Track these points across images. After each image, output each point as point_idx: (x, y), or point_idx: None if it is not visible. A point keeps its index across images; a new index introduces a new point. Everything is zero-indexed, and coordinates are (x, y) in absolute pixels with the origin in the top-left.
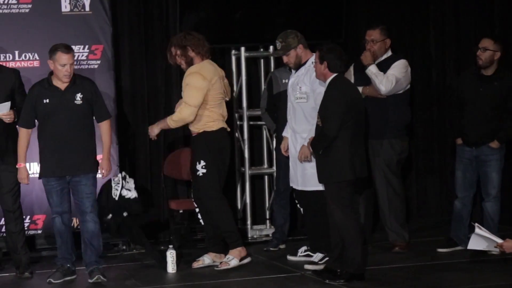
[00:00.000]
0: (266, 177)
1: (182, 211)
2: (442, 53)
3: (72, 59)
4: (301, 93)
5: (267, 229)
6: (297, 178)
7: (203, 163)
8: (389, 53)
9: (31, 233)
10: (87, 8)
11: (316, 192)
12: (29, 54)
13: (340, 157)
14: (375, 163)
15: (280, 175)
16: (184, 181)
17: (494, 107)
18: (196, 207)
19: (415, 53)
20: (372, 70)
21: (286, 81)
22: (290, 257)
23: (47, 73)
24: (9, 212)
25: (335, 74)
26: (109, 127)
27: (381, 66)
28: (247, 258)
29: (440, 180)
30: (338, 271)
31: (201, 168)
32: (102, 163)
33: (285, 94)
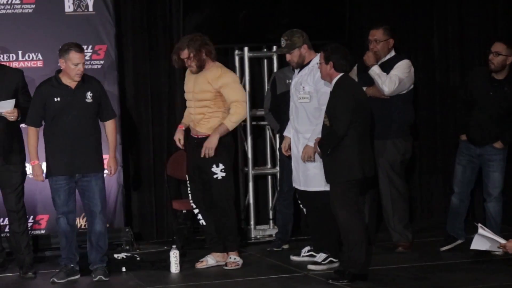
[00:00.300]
0: (269, 177)
1: (185, 211)
2: (446, 53)
3: (84, 58)
4: (304, 93)
5: (270, 229)
6: (299, 178)
7: (222, 166)
8: (392, 53)
9: (34, 233)
10: (91, 8)
11: (319, 193)
12: (33, 54)
13: (348, 156)
14: (378, 163)
15: (284, 175)
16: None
17: (502, 111)
18: (194, 208)
19: (418, 53)
20: (375, 71)
21: (290, 81)
22: (293, 257)
23: (50, 73)
24: (13, 212)
25: (341, 74)
26: (115, 126)
27: (384, 66)
28: None
29: (443, 180)
30: (347, 271)
31: (220, 172)
32: (109, 161)
33: (289, 94)
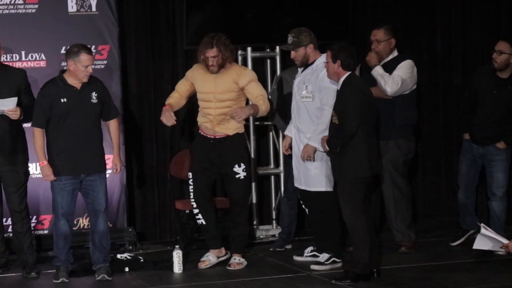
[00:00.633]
0: (273, 177)
1: (188, 211)
2: (449, 53)
3: (93, 60)
4: (307, 92)
5: (273, 229)
6: (300, 178)
7: (243, 166)
8: (395, 53)
9: (37, 233)
10: (94, 8)
11: (320, 193)
12: (36, 54)
13: (357, 154)
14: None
15: (289, 175)
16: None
17: (506, 110)
18: (195, 207)
19: (421, 53)
20: (378, 71)
21: None
22: (296, 258)
23: (53, 73)
24: (16, 212)
25: (348, 72)
26: (118, 125)
27: (387, 66)
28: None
29: (446, 180)
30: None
31: (242, 171)
32: (114, 159)
33: None
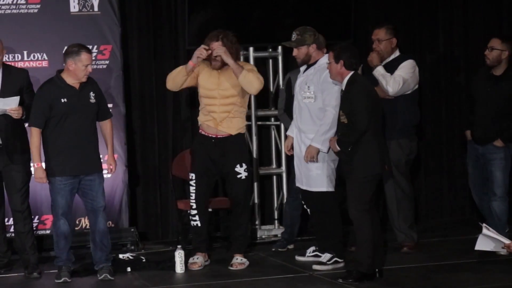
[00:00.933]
0: (275, 177)
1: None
2: (451, 52)
3: (92, 59)
4: (310, 92)
5: (275, 229)
6: (302, 178)
7: (245, 166)
8: (397, 53)
9: (39, 233)
10: (96, 8)
11: (321, 193)
12: (38, 54)
13: (368, 151)
14: None
15: (293, 175)
16: None
17: (501, 107)
18: (194, 208)
19: (423, 53)
20: (379, 71)
21: None
22: (298, 258)
23: (54, 73)
24: (18, 212)
25: (352, 72)
26: (112, 125)
27: (388, 66)
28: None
29: (448, 180)
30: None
31: (243, 172)
32: (108, 160)
33: None
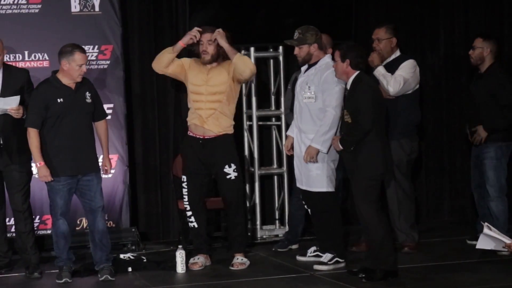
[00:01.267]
0: (276, 177)
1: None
2: (452, 52)
3: (87, 59)
4: (310, 93)
5: (276, 229)
6: (302, 178)
7: (233, 166)
8: (397, 53)
9: (40, 233)
10: (97, 8)
11: (321, 193)
12: (39, 54)
13: (372, 151)
14: None
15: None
16: None
17: (485, 104)
18: (188, 210)
19: (424, 52)
20: (380, 71)
21: None
22: (299, 258)
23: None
24: (19, 212)
25: (357, 71)
26: (107, 126)
27: (389, 66)
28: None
29: (450, 180)
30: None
31: (232, 172)
32: (104, 161)
33: None
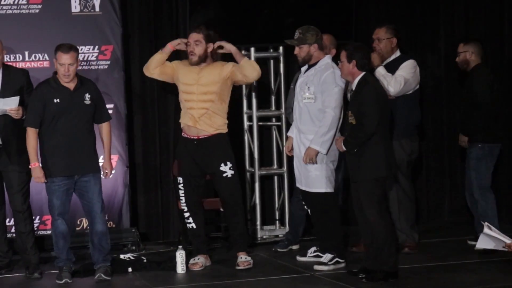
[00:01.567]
0: (276, 177)
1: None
2: (453, 53)
3: (71, 59)
4: (310, 93)
5: (276, 230)
6: (301, 179)
7: (229, 164)
8: (397, 53)
9: (40, 233)
10: (97, 9)
11: (320, 194)
12: (39, 54)
13: (375, 154)
14: None
15: None
16: None
17: (464, 105)
18: (186, 211)
19: (425, 53)
20: (380, 72)
21: None
22: (299, 258)
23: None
24: (18, 212)
25: (363, 72)
26: (110, 128)
27: (389, 66)
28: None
29: (450, 181)
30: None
31: (229, 170)
32: (104, 164)
33: None
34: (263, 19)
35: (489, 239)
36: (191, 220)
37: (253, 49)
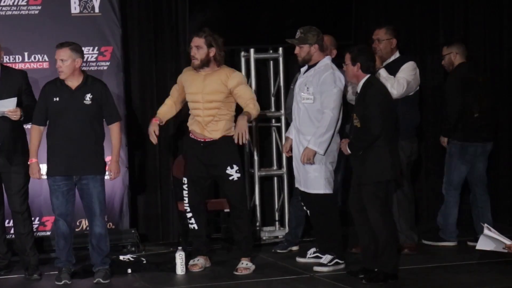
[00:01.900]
0: (275, 178)
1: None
2: None
3: (63, 55)
4: (309, 93)
5: (276, 231)
6: (300, 179)
7: (236, 167)
8: (397, 54)
9: (40, 234)
10: (97, 10)
11: (319, 195)
12: (39, 55)
13: (380, 157)
14: None
15: None
16: None
17: (447, 104)
18: (188, 211)
19: (424, 54)
20: (382, 75)
21: None
22: (299, 259)
23: (56, 74)
24: (17, 213)
25: (368, 75)
26: (119, 130)
27: (389, 68)
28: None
29: None
30: (375, 271)
31: (235, 173)
32: (110, 165)
33: None
34: (263, 20)
35: (489, 240)
36: (193, 221)
37: (252, 50)
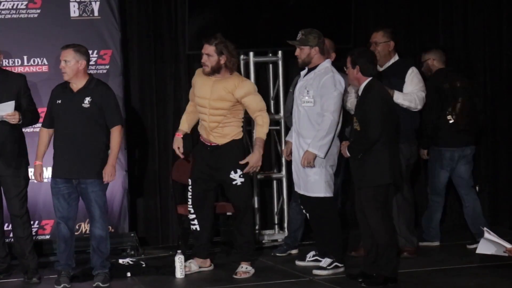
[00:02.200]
0: (275, 181)
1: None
2: (451, 57)
3: (67, 56)
4: (309, 97)
5: (275, 234)
6: (300, 183)
7: (239, 172)
8: (396, 57)
9: (39, 238)
10: (96, 13)
11: (319, 199)
12: (38, 59)
13: (379, 160)
14: None
15: None
16: None
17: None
18: (192, 213)
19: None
20: (398, 99)
21: None
22: (298, 262)
23: (55, 78)
24: (17, 217)
25: (369, 78)
26: (119, 134)
27: (388, 71)
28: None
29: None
30: (374, 275)
31: (238, 178)
32: (105, 168)
33: None
34: (262, 23)
35: (490, 244)
36: (195, 222)
37: (252, 54)
